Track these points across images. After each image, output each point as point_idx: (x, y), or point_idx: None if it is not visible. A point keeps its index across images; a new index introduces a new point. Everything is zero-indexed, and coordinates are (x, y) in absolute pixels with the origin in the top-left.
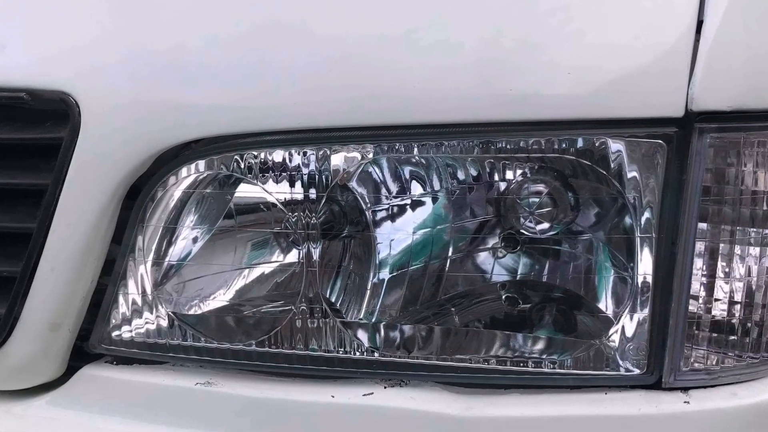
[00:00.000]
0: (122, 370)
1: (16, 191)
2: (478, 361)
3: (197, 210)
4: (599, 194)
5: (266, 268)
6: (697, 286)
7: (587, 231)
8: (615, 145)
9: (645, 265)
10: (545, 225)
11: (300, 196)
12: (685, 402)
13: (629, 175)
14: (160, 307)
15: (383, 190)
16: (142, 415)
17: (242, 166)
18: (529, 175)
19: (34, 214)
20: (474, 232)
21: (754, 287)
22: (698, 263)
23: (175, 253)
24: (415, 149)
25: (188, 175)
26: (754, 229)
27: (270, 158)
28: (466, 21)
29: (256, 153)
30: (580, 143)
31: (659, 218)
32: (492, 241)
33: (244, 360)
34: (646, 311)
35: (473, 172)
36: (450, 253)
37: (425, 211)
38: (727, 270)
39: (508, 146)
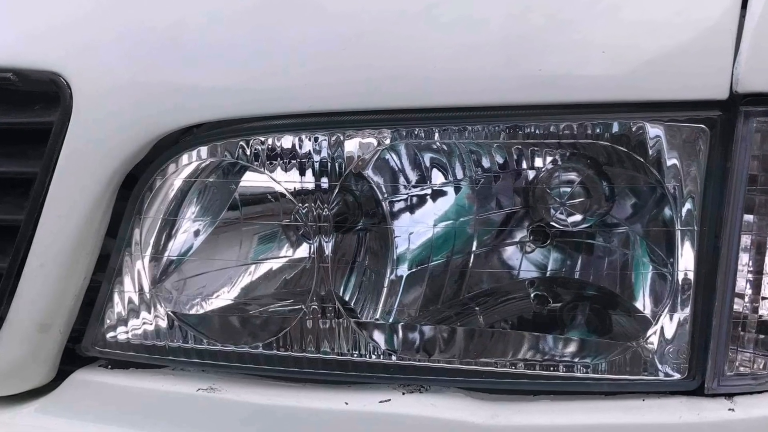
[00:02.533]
0: (118, 375)
1: (3, 180)
2: (505, 365)
3: (199, 201)
4: (636, 183)
5: (274, 264)
6: (742, 283)
7: (623, 223)
8: (653, 130)
9: (686, 260)
10: (577, 217)
11: (311, 186)
12: (729, 409)
13: (669, 162)
14: (158, 306)
15: (401, 179)
16: (140, 424)
17: (248, 152)
18: (560, 162)
19: (21, 205)
20: (500, 224)
21: None
22: (744, 258)
23: (175, 247)
24: (436, 134)
25: (189, 162)
26: None
27: (278, 144)
28: None
29: (263, 138)
30: (615, 128)
31: (701, 209)
32: (520, 235)
33: (250, 364)
34: (687, 311)
35: (499, 160)
36: (474, 248)
37: (447, 201)
38: None
39: (538, 131)
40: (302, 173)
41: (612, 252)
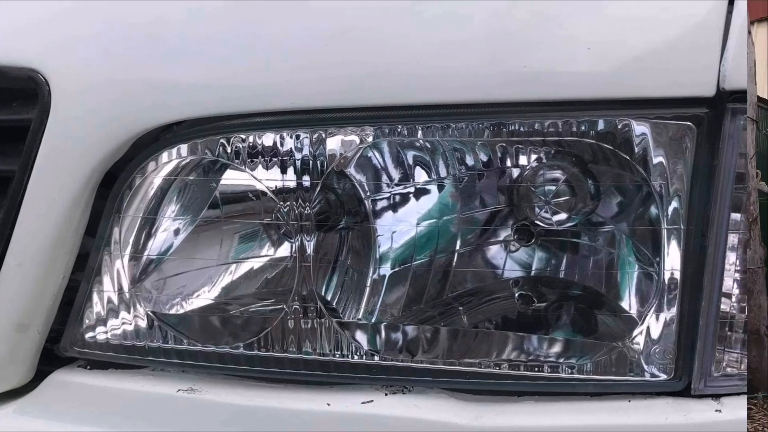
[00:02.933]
0: (97, 376)
1: None
2: (489, 366)
3: (179, 199)
4: (622, 182)
5: (255, 263)
6: (729, 283)
7: (609, 222)
8: (639, 128)
9: (672, 259)
10: (562, 215)
11: (292, 184)
12: (716, 410)
13: (655, 160)
14: (138, 306)
15: (384, 177)
16: (119, 425)
17: (229, 150)
18: (544, 160)
19: None
20: (484, 223)
21: None
22: (731, 257)
23: (154, 246)
24: (419, 132)
25: (169, 160)
26: None
27: (259, 142)
28: None
29: (244, 136)
30: (601, 125)
31: (688, 208)
32: (504, 234)
33: (230, 364)
34: (674, 311)
35: (483, 158)
36: (458, 247)
37: (430, 200)
38: None
39: (522, 129)
40: (284, 171)
41: (597, 251)
